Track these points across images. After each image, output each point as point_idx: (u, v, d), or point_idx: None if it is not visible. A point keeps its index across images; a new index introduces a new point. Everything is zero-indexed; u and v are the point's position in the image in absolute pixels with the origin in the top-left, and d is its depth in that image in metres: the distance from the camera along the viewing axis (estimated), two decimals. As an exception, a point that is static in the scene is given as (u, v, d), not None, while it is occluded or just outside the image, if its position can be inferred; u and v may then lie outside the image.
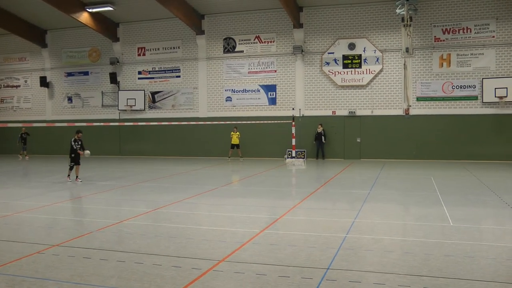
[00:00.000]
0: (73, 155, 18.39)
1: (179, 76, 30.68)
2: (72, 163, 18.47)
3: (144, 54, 31.41)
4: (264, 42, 28.73)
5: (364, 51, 27.02)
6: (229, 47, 29.45)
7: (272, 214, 12.20)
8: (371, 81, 27.05)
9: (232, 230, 10.13)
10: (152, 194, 15.37)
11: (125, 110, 31.27)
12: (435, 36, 26.35)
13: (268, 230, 10.00)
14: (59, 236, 9.72)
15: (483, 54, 25.84)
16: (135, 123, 28.57)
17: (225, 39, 29.57)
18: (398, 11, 24.63)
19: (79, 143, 18.44)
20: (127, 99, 31.13)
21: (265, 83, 28.82)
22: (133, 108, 31.07)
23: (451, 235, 9.63)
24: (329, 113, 27.60)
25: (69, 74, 33.47)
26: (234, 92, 29.42)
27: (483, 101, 25.67)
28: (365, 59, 27.03)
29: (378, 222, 11.03)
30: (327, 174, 21.48)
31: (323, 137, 27.25)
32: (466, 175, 20.30)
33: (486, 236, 9.93)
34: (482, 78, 25.68)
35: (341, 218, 11.36)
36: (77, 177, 18.52)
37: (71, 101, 33.46)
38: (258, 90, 28.91)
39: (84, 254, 8.24)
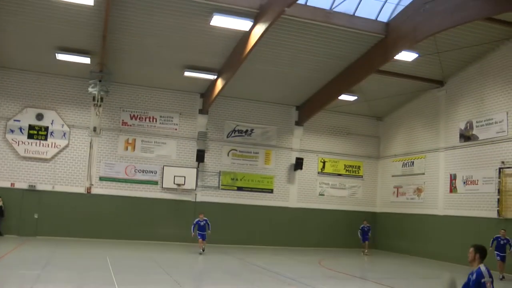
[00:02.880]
0: None
1: None
2: None
3: None
4: None
5: (52, 123, 26.21)
6: None
7: None
8: (55, 155, 26.22)
9: None
10: None
11: None
12: (123, 120, 27.34)
13: None
14: None
15: (165, 143, 27.79)
16: None
17: None
18: (90, 89, 24.81)
19: None
20: None
21: None
22: None
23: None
24: (8, 184, 25.57)
25: None
26: None
27: (163, 186, 27.29)
28: (52, 132, 26.22)
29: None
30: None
31: (2, 211, 24.93)
32: (142, 255, 21.00)
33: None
34: (163, 165, 27.43)
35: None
36: None
37: None
38: None
39: None
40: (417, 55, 22.57)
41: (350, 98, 28.05)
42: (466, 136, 24.69)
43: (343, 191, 31.10)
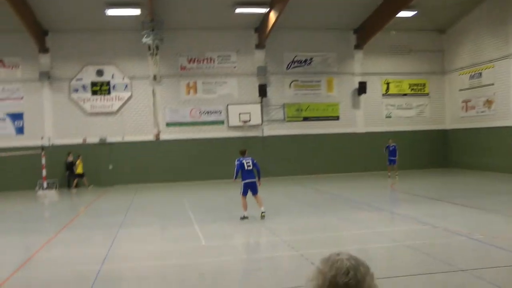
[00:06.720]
0: None
1: None
2: None
3: None
4: (8, 67, 26.51)
5: (112, 78, 26.83)
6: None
7: (25, 252, 11.41)
8: (120, 107, 26.97)
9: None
10: None
11: None
12: (181, 65, 27.55)
13: (20, 273, 9.28)
14: None
15: (226, 82, 27.86)
16: None
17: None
18: (144, 40, 25.07)
19: None
20: None
21: (12, 111, 26.47)
22: None
23: (204, 254, 10.19)
24: (80, 141, 26.62)
25: None
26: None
27: (229, 125, 27.62)
28: (114, 86, 26.84)
29: (134, 248, 11.11)
30: (81, 203, 20.82)
31: (73, 167, 26.12)
32: (217, 193, 21.55)
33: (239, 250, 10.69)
34: (227, 105, 27.62)
35: (97, 248, 11.14)
36: None
37: None
38: (4, 119, 26.47)
39: None
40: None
41: (409, 13, 26.78)
42: (538, 39, 23.27)
43: (410, 111, 30.32)
